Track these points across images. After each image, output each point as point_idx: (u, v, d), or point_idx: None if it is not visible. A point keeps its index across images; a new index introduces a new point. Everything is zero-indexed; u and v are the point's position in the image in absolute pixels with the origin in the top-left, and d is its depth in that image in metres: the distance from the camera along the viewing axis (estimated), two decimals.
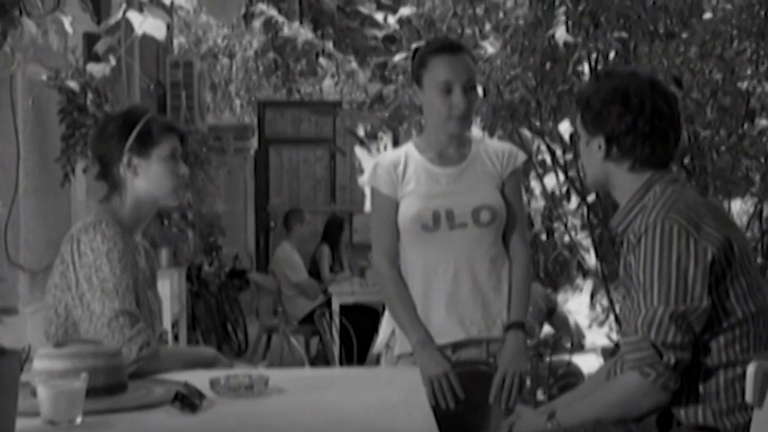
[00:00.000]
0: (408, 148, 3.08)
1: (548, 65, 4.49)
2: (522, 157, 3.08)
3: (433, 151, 3.03)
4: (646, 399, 2.26)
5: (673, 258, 2.22)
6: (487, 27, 4.68)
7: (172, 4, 4.12)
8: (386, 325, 3.12)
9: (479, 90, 4.46)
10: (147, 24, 3.61)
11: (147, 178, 2.64)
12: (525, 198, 4.35)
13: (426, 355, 2.89)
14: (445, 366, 2.88)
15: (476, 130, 4.71)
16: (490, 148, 3.08)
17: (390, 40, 5.00)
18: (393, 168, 3.02)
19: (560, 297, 6.08)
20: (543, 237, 5.97)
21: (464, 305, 2.96)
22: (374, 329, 7.76)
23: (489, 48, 4.44)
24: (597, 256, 4.95)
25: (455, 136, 3.00)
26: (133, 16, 3.60)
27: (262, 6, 6.01)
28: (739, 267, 2.27)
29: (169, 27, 4.24)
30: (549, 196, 5.13)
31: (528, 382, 4.98)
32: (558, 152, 4.82)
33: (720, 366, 2.27)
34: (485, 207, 2.96)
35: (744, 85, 4.32)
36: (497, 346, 2.96)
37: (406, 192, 2.99)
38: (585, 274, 6.06)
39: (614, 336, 5.25)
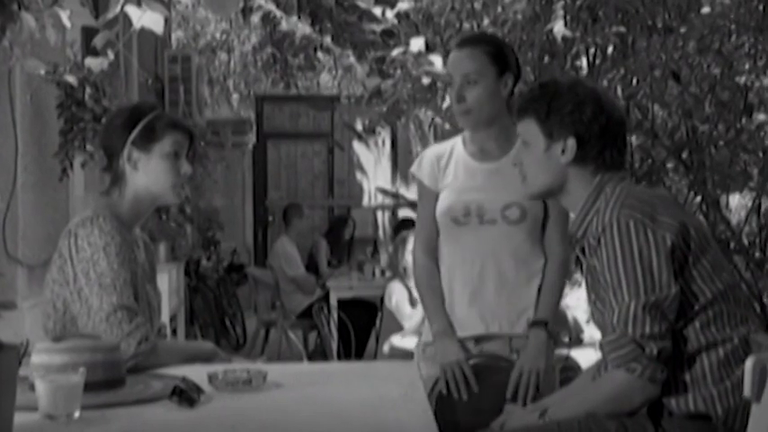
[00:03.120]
0: (456, 141, 3.09)
1: (546, 59, 4.49)
2: None
3: (475, 145, 3.04)
4: (636, 394, 2.27)
5: (635, 252, 2.25)
6: (486, 21, 4.68)
7: None
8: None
9: None
10: (146, 18, 3.60)
11: (146, 173, 2.64)
12: None
13: (443, 345, 2.91)
14: (459, 356, 2.89)
15: None
16: None
17: (388, 34, 4.99)
18: (436, 161, 3.04)
19: None
20: None
21: (488, 300, 2.95)
22: (372, 324, 7.77)
23: None
24: None
25: (468, 129, 3.02)
26: (131, 10, 3.60)
27: (260, 1, 5.99)
28: (699, 249, 2.30)
29: (167, 21, 4.24)
30: None
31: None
32: None
33: (701, 350, 2.29)
34: (514, 204, 2.93)
35: (742, 79, 4.33)
36: (521, 342, 2.95)
37: (445, 184, 3.01)
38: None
39: None
